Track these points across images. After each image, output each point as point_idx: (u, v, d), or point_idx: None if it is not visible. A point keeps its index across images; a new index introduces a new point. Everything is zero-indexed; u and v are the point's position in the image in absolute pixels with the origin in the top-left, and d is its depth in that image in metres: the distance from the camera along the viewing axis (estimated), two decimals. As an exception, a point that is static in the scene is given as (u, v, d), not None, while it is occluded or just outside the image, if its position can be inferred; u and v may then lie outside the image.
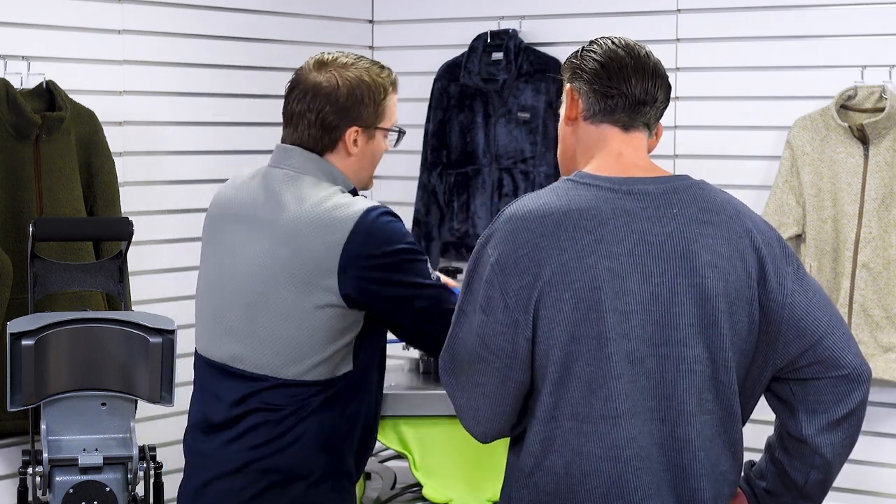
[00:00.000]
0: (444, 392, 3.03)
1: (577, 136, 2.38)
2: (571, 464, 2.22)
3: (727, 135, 3.99)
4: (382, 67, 2.82)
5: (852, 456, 3.88)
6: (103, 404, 2.09)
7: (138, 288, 3.63)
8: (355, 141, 2.76)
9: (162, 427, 3.54)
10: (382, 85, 2.81)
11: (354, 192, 2.75)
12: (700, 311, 2.25)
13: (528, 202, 2.28)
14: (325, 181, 2.72)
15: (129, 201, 3.66)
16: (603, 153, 2.35)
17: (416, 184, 4.44)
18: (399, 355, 3.55)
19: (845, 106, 3.76)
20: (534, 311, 2.20)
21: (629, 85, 2.33)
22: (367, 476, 3.20)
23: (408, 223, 4.45)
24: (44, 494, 2.03)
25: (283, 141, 2.80)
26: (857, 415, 2.35)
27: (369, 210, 2.58)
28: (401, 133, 2.86)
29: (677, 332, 2.24)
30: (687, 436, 2.26)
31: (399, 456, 3.16)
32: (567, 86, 2.38)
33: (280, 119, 4.47)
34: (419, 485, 2.99)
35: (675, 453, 2.27)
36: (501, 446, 2.98)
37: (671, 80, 2.43)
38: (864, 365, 2.33)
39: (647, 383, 2.23)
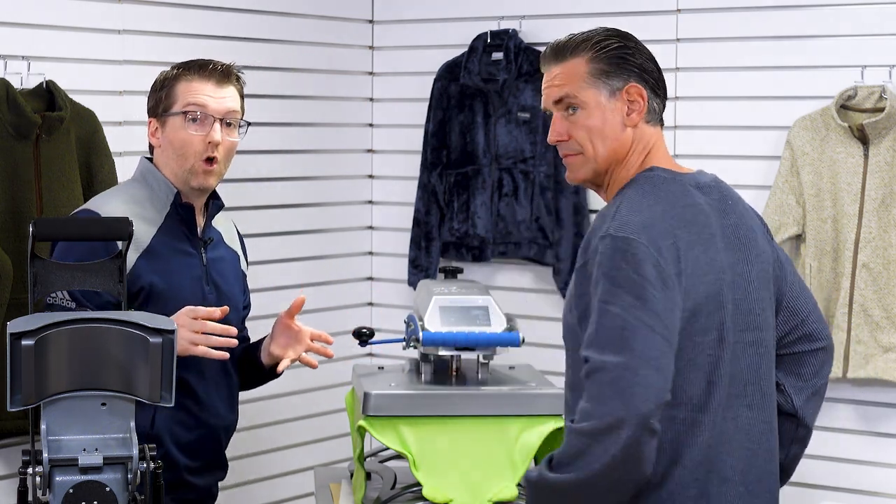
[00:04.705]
0: (444, 392, 3.05)
1: (634, 136, 2.38)
2: (683, 454, 2.25)
3: (727, 135, 3.99)
4: (184, 62, 3.01)
5: (852, 456, 3.91)
6: (103, 404, 2.08)
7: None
8: (154, 133, 2.99)
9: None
10: (169, 74, 3.00)
11: (179, 197, 2.95)
12: (765, 295, 2.37)
13: (645, 197, 2.28)
14: (128, 183, 3.01)
15: (129, 201, 3.67)
16: (659, 153, 2.41)
17: (416, 184, 4.44)
18: (399, 355, 3.56)
19: (845, 106, 3.76)
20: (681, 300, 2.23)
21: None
22: (368, 476, 3.20)
23: (408, 223, 4.45)
24: (44, 494, 2.03)
25: None
26: (826, 385, 2.50)
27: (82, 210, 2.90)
28: (188, 115, 2.96)
29: (754, 317, 2.34)
30: (770, 419, 2.38)
31: (399, 456, 3.16)
32: (636, 85, 2.36)
33: (277, 119, 4.51)
34: (419, 485, 2.99)
35: (762, 437, 2.37)
36: (501, 446, 2.99)
37: (671, 80, 2.47)
38: (832, 337, 2.51)
39: (735, 370, 2.30)
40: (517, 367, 3.30)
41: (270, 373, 3.21)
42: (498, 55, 4.26)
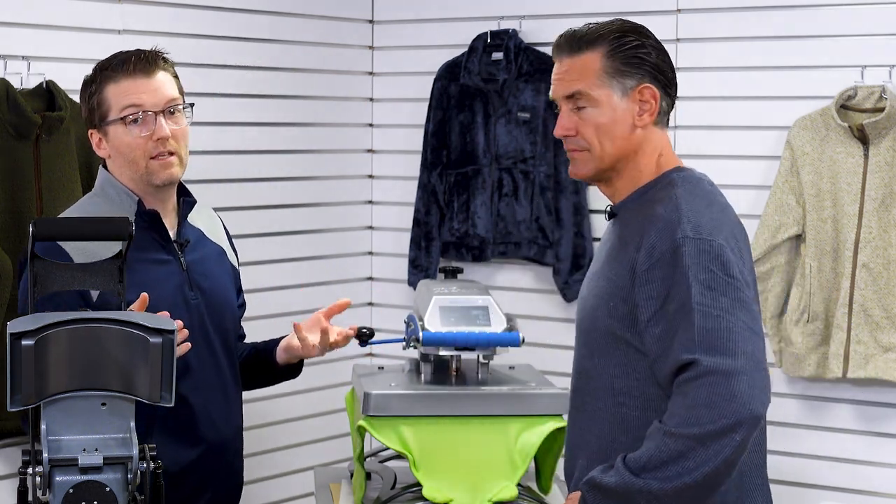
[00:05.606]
0: (444, 392, 3.05)
1: (643, 137, 2.37)
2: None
3: (727, 135, 3.99)
4: (103, 61, 2.79)
5: (852, 456, 3.92)
6: (103, 404, 2.08)
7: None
8: (99, 144, 2.81)
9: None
10: (94, 78, 2.79)
11: (141, 205, 2.78)
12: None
13: (697, 198, 2.30)
14: (89, 197, 2.86)
15: (129, 201, 3.67)
16: (671, 153, 2.43)
17: (416, 184, 4.44)
18: (399, 355, 3.55)
19: (845, 106, 3.76)
20: None
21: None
22: (368, 476, 3.20)
23: (408, 223, 4.45)
24: (44, 494, 2.02)
25: None
26: None
27: None
28: (127, 118, 2.76)
29: None
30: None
31: (399, 456, 3.16)
32: (650, 86, 2.35)
33: (277, 119, 4.50)
34: (419, 485, 2.98)
35: (765, 429, 2.44)
36: (501, 446, 2.99)
37: (671, 79, 2.48)
38: None
39: None
40: (517, 367, 3.30)
41: (287, 372, 3.11)
42: (498, 55, 4.26)
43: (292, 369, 3.13)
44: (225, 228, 3.12)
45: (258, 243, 4.22)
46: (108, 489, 2.03)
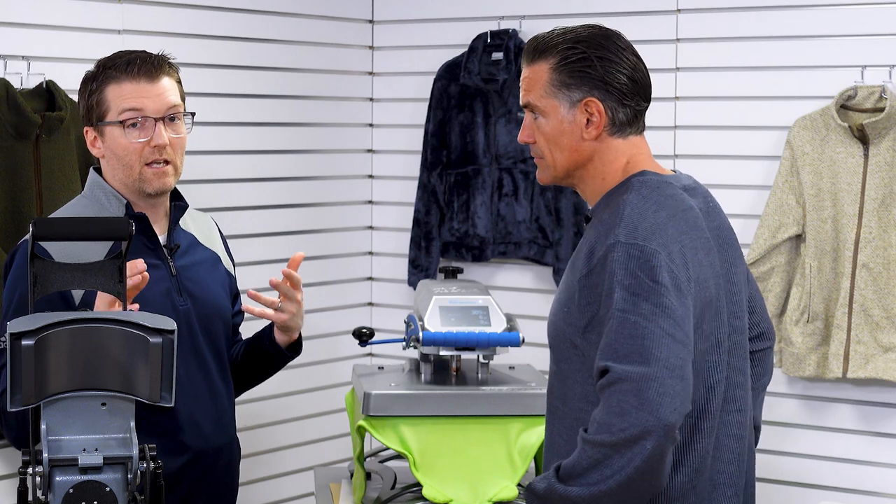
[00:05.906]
0: (444, 392, 3.05)
1: (598, 149, 2.34)
2: (683, 462, 2.25)
3: (727, 135, 3.99)
4: (107, 59, 2.73)
5: (852, 456, 3.92)
6: (103, 404, 2.08)
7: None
8: (94, 142, 2.76)
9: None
10: (95, 75, 2.73)
11: (130, 208, 2.73)
12: (744, 297, 2.39)
13: (647, 202, 2.26)
14: (77, 200, 2.80)
15: (129, 201, 3.66)
16: (640, 157, 2.38)
17: (416, 184, 4.44)
18: (399, 355, 3.56)
19: (845, 106, 3.76)
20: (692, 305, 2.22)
21: (650, 93, 2.39)
22: (368, 476, 3.20)
23: (408, 223, 4.45)
24: (44, 494, 2.02)
25: None
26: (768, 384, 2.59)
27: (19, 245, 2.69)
28: (126, 122, 2.71)
29: (739, 320, 2.35)
30: (749, 421, 2.37)
31: (399, 456, 3.16)
32: (594, 99, 2.31)
33: (277, 120, 4.50)
34: (419, 485, 2.99)
35: (746, 440, 2.37)
36: (501, 446, 2.99)
37: (671, 80, 2.45)
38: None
39: (728, 374, 2.31)
40: (517, 367, 3.31)
41: (291, 351, 3.00)
42: (498, 55, 4.26)
43: (293, 347, 3.02)
44: (221, 235, 3.08)
45: (258, 243, 4.22)
46: (108, 489, 2.03)
